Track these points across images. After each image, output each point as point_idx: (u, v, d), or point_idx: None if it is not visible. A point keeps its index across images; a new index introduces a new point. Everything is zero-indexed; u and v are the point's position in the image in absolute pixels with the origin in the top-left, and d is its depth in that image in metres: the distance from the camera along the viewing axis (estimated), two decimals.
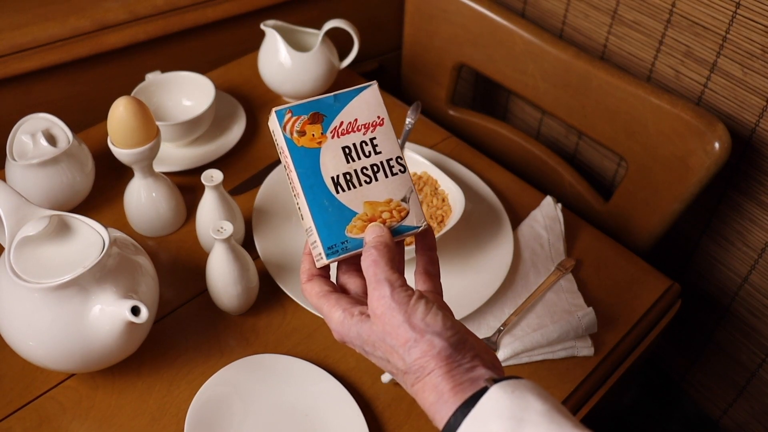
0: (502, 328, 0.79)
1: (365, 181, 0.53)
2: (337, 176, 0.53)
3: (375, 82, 0.56)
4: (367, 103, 0.54)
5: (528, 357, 0.78)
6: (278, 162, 1.01)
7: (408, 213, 0.53)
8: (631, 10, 1.04)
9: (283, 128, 0.53)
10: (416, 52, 1.29)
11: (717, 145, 0.90)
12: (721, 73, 0.97)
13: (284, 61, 1.05)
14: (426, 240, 0.56)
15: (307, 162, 0.52)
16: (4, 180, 0.82)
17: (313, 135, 0.53)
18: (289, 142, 0.53)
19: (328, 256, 0.52)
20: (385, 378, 0.75)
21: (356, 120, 0.54)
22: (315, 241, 0.52)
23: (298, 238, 0.89)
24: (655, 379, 1.37)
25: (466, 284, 0.83)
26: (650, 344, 0.85)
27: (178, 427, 0.71)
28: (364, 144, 0.54)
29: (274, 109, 0.53)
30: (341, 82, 1.16)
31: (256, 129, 1.08)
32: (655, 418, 1.37)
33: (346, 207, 0.52)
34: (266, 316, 0.81)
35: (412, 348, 0.47)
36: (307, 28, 1.10)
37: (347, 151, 0.53)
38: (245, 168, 1.01)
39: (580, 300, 0.84)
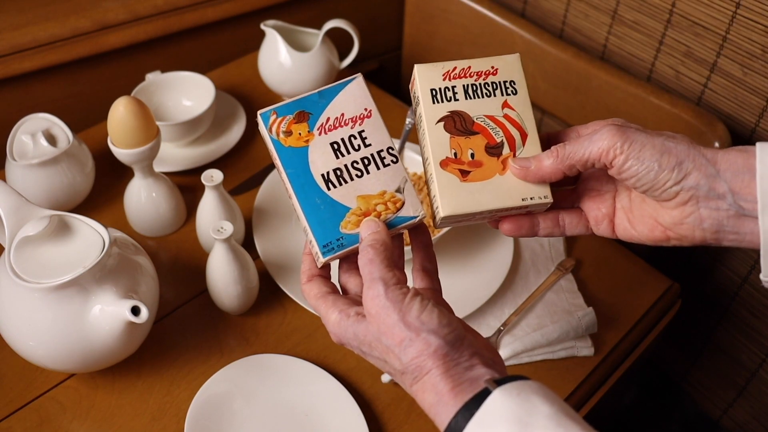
0: (502, 328, 0.79)
1: (357, 175, 0.52)
2: (327, 173, 0.52)
3: (360, 74, 0.55)
4: (354, 96, 0.54)
5: (528, 357, 0.78)
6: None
7: (404, 203, 0.52)
8: (631, 10, 1.04)
9: (269, 130, 0.52)
10: (416, 52, 1.29)
11: (717, 145, 0.90)
12: (721, 73, 0.97)
13: (284, 61, 1.05)
14: (421, 237, 0.55)
15: (296, 161, 0.52)
16: (4, 180, 0.82)
17: (300, 134, 0.52)
18: (276, 143, 0.52)
19: (324, 254, 0.51)
20: (385, 378, 0.75)
21: (343, 114, 0.53)
22: (311, 240, 0.52)
23: (298, 238, 0.89)
24: (655, 379, 1.37)
25: (466, 284, 0.83)
26: (650, 344, 0.85)
27: (178, 427, 0.71)
28: (352, 138, 0.53)
29: (259, 112, 0.53)
30: None
31: (256, 129, 1.07)
32: (655, 418, 1.37)
33: (338, 203, 0.52)
34: (266, 316, 0.82)
35: (407, 347, 0.46)
36: (307, 28, 1.10)
37: (336, 146, 0.52)
38: (245, 168, 1.01)
39: (580, 300, 0.84)
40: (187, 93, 1.04)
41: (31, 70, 1.02)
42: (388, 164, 0.53)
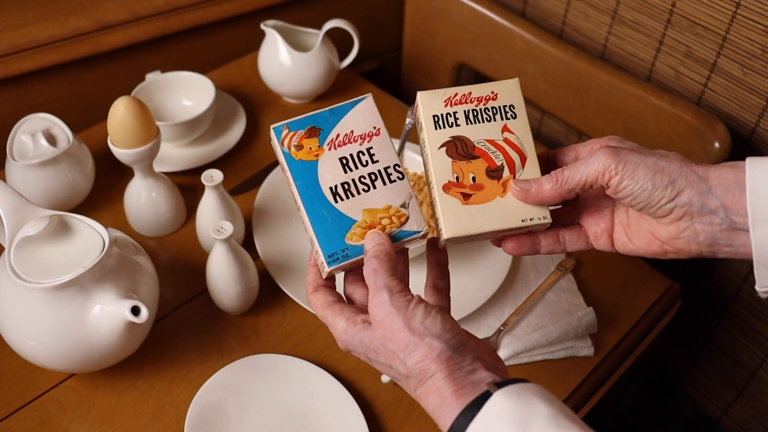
0: (502, 328, 0.79)
1: (363, 190, 0.54)
2: (335, 186, 0.54)
3: (370, 94, 0.57)
4: (363, 114, 0.56)
5: (528, 357, 0.78)
6: (278, 162, 1.01)
7: (408, 218, 0.54)
8: (631, 10, 1.04)
9: (281, 143, 0.54)
10: (416, 52, 1.29)
11: (717, 145, 0.90)
12: (721, 73, 0.97)
13: (284, 61, 1.05)
14: (437, 255, 0.57)
15: (306, 174, 0.54)
16: (4, 180, 0.82)
17: (311, 148, 0.54)
18: (288, 156, 0.54)
19: (329, 264, 0.53)
20: (385, 378, 0.75)
21: (352, 131, 0.55)
22: (317, 251, 0.53)
23: (298, 238, 0.89)
24: (655, 379, 1.37)
25: (466, 284, 0.83)
26: (650, 344, 0.85)
27: (178, 427, 0.71)
28: (361, 154, 0.55)
29: (272, 126, 0.55)
30: (341, 82, 1.16)
31: (256, 129, 1.08)
32: (655, 418, 1.37)
33: (345, 215, 0.53)
34: (266, 316, 0.82)
35: (412, 352, 0.47)
36: (307, 28, 1.10)
37: (344, 161, 0.54)
38: (245, 168, 1.01)
39: (580, 300, 0.84)
40: (187, 93, 1.04)
41: (31, 70, 1.02)
42: (394, 180, 0.55)
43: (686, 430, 1.33)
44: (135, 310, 0.64)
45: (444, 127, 0.55)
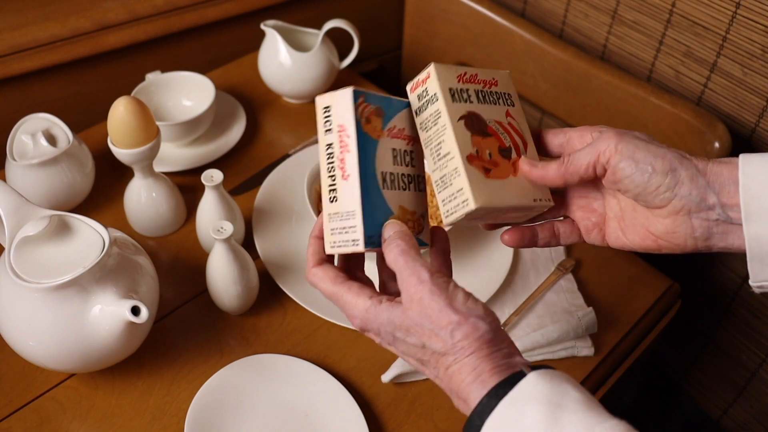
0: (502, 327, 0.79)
1: (402, 187, 0.54)
2: (385, 173, 0.53)
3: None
4: (408, 119, 0.56)
5: (528, 357, 0.78)
6: (278, 162, 1.01)
7: (423, 229, 0.55)
8: (631, 10, 1.04)
9: (356, 109, 0.52)
10: (416, 52, 1.29)
11: (717, 145, 0.90)
12: (721, 73, 0.97)
13: (284, 61, 1.05)
14: (442, 244, 0.57)
15: (368, 149, 0.52)
16: (4, 180, 0.82)
17: (376, 127, 0.53)
18: (359, 124, 0.52)
19: (366, 244, 0.51)
20: (385, 378, 0.75)
21: (404, 129, 0.56)
22: (353, 226, 0.51)
23: (298, 238, 0.89)
24: (655, 379, 1.37)
25: (466, 284, 0.83)
26: (650, 344, 0.85)
27: (178, 427, 0.71)
28: (405, 153, 0.55)
29: (351, 88, 0.52)
30: (341, 83, 1.16)
31: (256, 129, 1.08)
32: (655, 418, 1.37)
33: (386, 204, 0.53)
34: (266, 316, 0.82)
35: (455, 330, 0.48)
36: (307, 28, 1.10)
37: (395, 153, 0.54)
38: (245, 168, 1.01)
39: (580, 300, 0.84)
40: (187, 93, 1.04)
41: (31, 70, 1.02)
42: (421, 190, 0.56)
43: (686, 430, 1.33)
44: (135, 310, 0.64)
45: (460, 101, 0.55)
